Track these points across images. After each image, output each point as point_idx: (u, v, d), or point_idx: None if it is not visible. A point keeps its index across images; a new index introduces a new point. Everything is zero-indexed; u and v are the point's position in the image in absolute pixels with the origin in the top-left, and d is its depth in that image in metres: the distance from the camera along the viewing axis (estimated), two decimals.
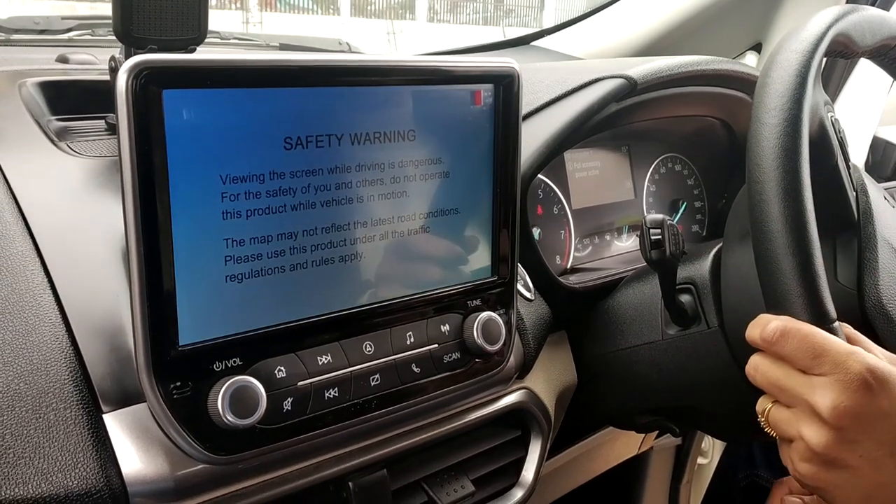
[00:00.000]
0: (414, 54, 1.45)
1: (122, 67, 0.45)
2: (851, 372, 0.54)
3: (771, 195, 0.58)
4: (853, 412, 0.53)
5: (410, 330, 0.60)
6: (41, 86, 0.76)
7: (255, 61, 0.50)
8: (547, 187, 0.91)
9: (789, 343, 0.56)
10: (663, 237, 0.69)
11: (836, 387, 0.54)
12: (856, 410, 0.53)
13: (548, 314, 0.78)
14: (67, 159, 0.65)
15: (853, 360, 0.54)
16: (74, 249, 0.57)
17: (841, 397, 0.53)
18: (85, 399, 0.50)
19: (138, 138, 0.45)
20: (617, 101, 0.83)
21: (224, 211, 0.50)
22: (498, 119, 0.62)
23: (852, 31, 0.69)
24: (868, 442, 0.54)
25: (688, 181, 1.09)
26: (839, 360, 0.54)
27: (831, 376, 0.54)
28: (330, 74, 0.53)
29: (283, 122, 0.51)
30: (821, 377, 0.55)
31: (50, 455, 0.48)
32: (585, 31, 1.46)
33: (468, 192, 0.62)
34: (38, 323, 0.52)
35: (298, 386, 0.53)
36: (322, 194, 0.54)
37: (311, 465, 0.57)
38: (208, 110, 0.48)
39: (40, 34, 1.05)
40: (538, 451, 0.73)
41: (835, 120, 0.73)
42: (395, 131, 0.57)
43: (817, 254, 0.58)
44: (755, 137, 0.61)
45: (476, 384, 0.64)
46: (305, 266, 0.54)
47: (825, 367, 0.54)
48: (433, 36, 12.44)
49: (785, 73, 0.62)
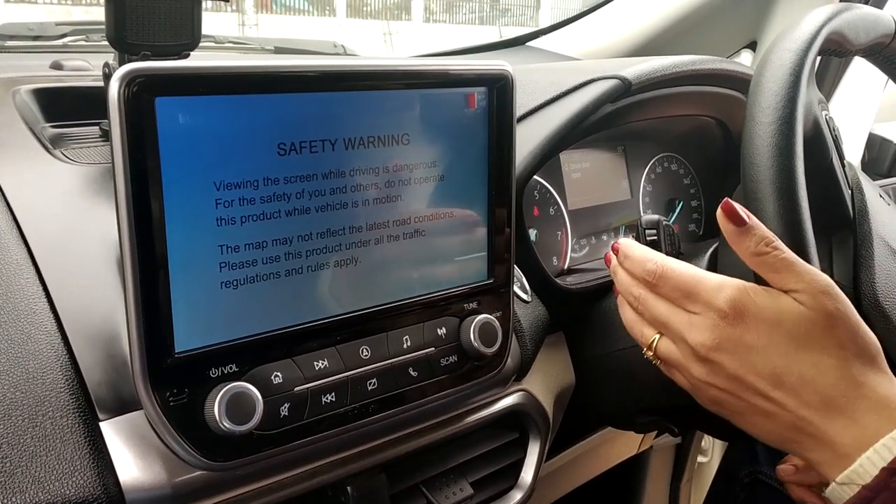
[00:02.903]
0: (409, 56, 1.45)
1: (114, 75, 0.45)
2: (719, 308, 0.55)
3: (766, 194, 0.58)
4: (725, 346, 0.55)
5: (407, 334, 0.60)
6: (35, 93, 0.76)
7: (247, 68, 0.50)
8: (543, 188, 0.91)
9: (667, 285, 0.58)
10: (659, 237, 0.69)
11: (707, 323, 0.56)
12: (727, 345, 0.55)
13: (545, 315, 0.78)
14: (62, 166, 0.65)
15: (721, 297, 0.55)
16: (69, 257, 0.57)
17: (712, 333, 0.55)
18: (81, 407, 0.50)
19: (131, 146, 0.45)
20: (612, 101, 0.83)
21: (218, 217, 0.50)
22: (492, 121, 0.62)
23: (846, 30, 0.69)
24: (748, 375, 0.55)
25: (684, 180, 1.09)
26: (709, 299, 0.56)
27: (703, 315, 0.56)
28: (323, 80, 0.53)
29: (277, 128, 0.51)
30: (696, 315, 0.57)
31: (47, 464, 0.48)
32: (581, 31, 1.46)
33: (463, 195, 0.62)
34: (34, 331, 0.52)
35: (295, 391, 0.53)
36: (317, 199, 0.54)
37: (308, 470, 0.57)
38: (201, 117, 0.48)
39: (34, 40, 1.05)
40: (537, 452, 0.73)
41: (829, 118, 0.73)
42: (390, 135, 0.57)
43: (813, 252, 0.58)
44: (749, 136, 0.61)
45: (473, 387, 0.64)
46: (301, 271, 0.54)
47: (699, 307, 0.56)
48: (429, 36, 12.44)
49: (779, 71, 0.62)
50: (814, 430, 0.53)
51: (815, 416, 0.53)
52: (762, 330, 0.54)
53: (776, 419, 0.55)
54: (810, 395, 0.53)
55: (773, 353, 0.54)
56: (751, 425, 0.57)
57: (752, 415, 0.56)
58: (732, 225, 0.57)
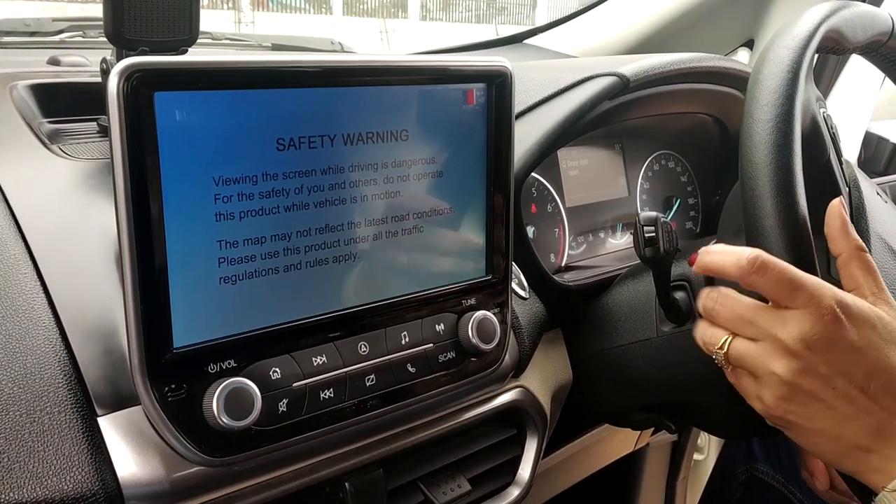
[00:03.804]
0: (407, 53, 1.45)
1: (112, 70, 0.45)
2: (823, 305, 0.54)
3: (764, 191, 0.59)
4: (822, 344, 0.54)
5: (405, 330, 0.60)
6: (32, 88, 0.76)
7: (246, 62, 0.50)
8: (540, 185, 0.91)
9: (768, 274, 0.56)
10: (657, 235, 0.69)
11: (807, 319, 0.54)
12: (825, 343, 0.54)
13: (542, 312, 0.78)
14: (60, 162, 0.65)
15: (826, 294, 0.55)
16: (67, 253, 0.57)
17: (812, 329, 0.54)
18: (79, 402, 0.50)
19: (130, 141, 0.45)
20: (609, 98, 0.83)
21: (217, 213, 0.50)
22: (491, 118, 0.62)
23: (843, 27, 0.69)
24: (839, 376, 0.54)
25: (681, 178, 1.09)
26: (814, 294, 0.54)
27: (804, 309, 0.54)
28: (322, 75, 0.53)
29: (276, 123, 0.51)
30: (793, 311, 0.55)
31: (45, 459, 0.48)
32: (578, 29, 1.46)
33: (462, 192, 0.62)
34: (32, 327, 0.52)
35: (293, 387, 0.53)
36: (315, 195, 0.54)
37: (306, 466, 0.57)
38: (200, 112, 0.48)
39: (31, 36, 1.05)
40: (534, 449, 0.73)
41: (827, 116, 0.74)
42: (388, 131, 0.57)
43: (811, 249, 0.59)
44: (748, 134, 0.61)
45: (471, 383, 0.64)
46: (299, 267, 0.54)
47: (799, 301, 0.55)
48: (426, 34, 12.44)
49: (777, 69, 0.62)
50: (888, 433, 0.53)
51: (893, 419, 0.53)
52: (863, 332, 0.54)
53: (855, 423, 0.54)
54: (891, 401, 0.54)
55: (868, 355, 0.54)
56: (815, 434, 0.56)
57: (826, 419, 0.55)
58: (842, 218, 0.59)
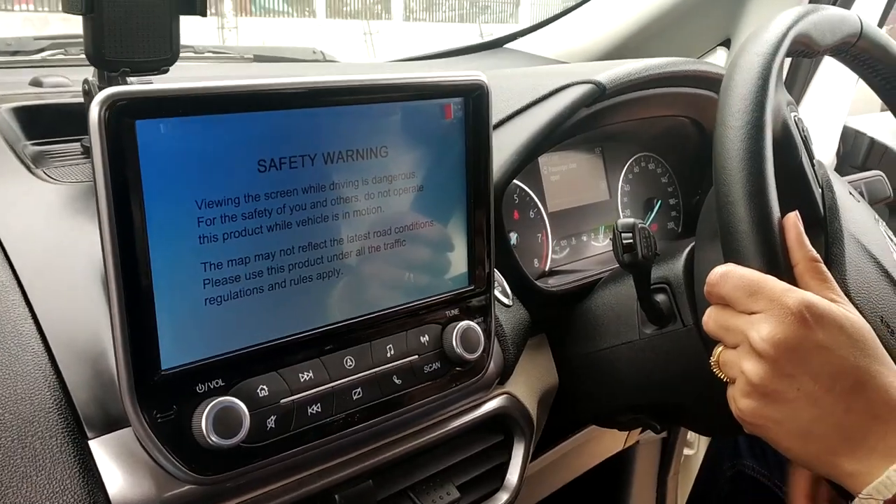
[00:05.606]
0: (389, 60, 1.46)
1: (94, 99, 0.46)
2: (786, 306, 0.55)
3: (737, 197, 0.60)
4: (787, 344, 0.54)
5: (390, 342, 0.61)
6: (15, 111, 0.77)
7: (226, 87, 0.50)
8: (522, 192, 0.93)
9: (728, 283, 0.58)
10: (635, 241, 0.70)
11: (771, 320, 0.55)
12: (790, 343, 0.55)
13: (526, 319, 0.79)
14: (44, 186, 0.65)
15: (788, 296, 0.56)
16: (54, 277, 0.57)
17: (775, 330, 0.55)
18: (70, 426, 0.51)
19: (113, 168, 0.46)
20: (587, 105, 0.84)
21: (201, 235, 0.51)
22: (469, 131, 0.63)
23: (812, 31, 0.71)
24: (804, 376, 0.55)
25: (661, 179, 1.10)
26: (774, 296, 0.56)
27: (767, 311, 0.56)
28: (301, 96, 0.54)
29: (256, 145, 0.52)
30: (758, 314, 0.56)
31: (37, 483, 0.48)
32: (558, 33, 1.47)
33: (442, 204, 0.63)
34: (21, 353, 0.52)
35: (281, 403, 0.54)
36: (298, 214, 0.55)
37: (296, 481, 0.58)
38: (181, 137, 0.49)
39: (13, 55, 1.05)
40: (521, 453, 0.74)
41: (798, 119, 0.75)
42: (368, 148, 0.58)
43: (784, 253, 0.60)
44: (720, 141, 0.62)
45: (457, 392, 0.65)
46: (284, 285, 0.55)
47: (761, 304, 0.56)
48: (410, 35, 12.42)
49: (747, 75, 0.64)
50: (858, 436, 0.54)
51: (861, 421, 0.54)
52: (830, 332, 0.55)
53: (822, 425, 0.54)
54: (859, 403, 0.54)
55: (835, 355, 0.55)
56: (787, 437, 0.56)
57: (793, 421, 0.55)
58: (797, 230, 0.60)
